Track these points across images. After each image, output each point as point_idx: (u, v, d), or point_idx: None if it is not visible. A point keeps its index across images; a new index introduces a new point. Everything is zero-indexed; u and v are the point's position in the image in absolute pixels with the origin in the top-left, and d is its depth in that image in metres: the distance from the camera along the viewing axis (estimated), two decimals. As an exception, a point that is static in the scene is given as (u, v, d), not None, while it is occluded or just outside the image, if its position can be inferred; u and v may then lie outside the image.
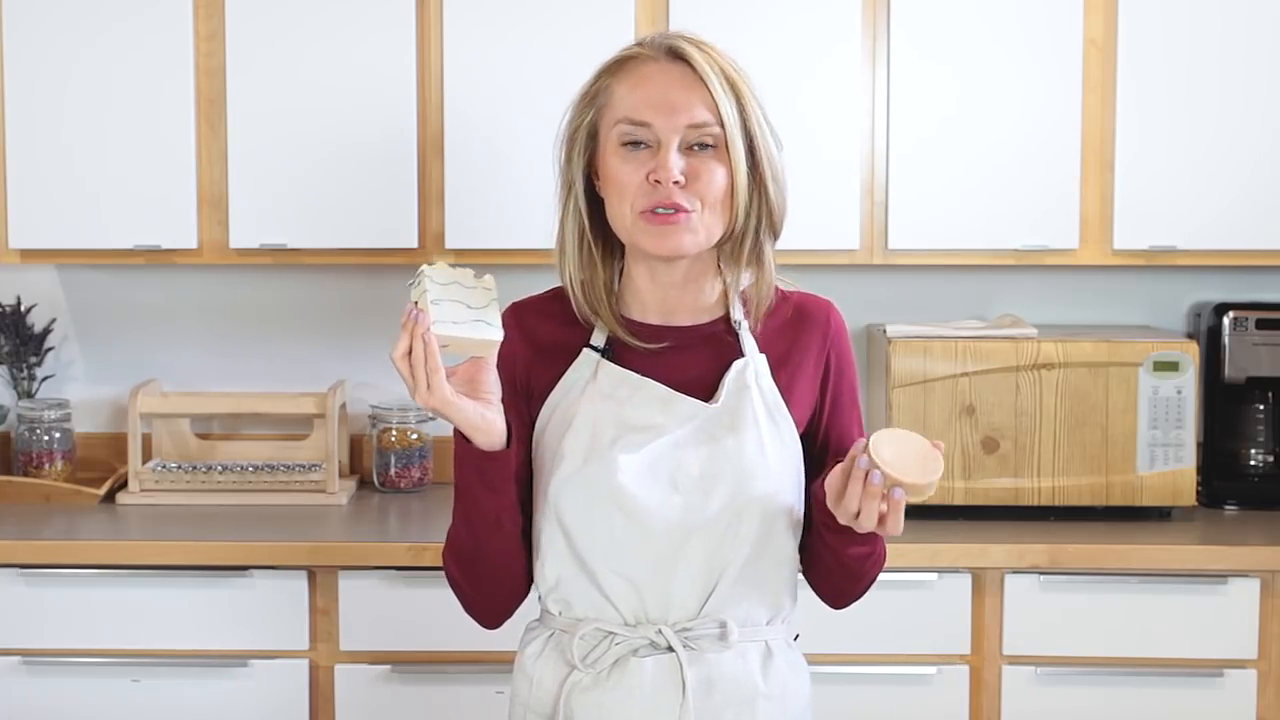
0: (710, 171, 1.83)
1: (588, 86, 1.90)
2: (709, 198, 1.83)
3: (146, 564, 2.96)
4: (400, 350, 1.75)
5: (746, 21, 3.12)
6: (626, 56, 1.88)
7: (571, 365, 1.92)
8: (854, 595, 2.00)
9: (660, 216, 1.82)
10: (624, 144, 1.84)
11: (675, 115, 1.82)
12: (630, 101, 1.84)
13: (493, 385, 1.80)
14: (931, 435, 1.83)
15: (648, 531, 1.85)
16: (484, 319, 1.77)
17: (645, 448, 1.86)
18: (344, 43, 3.16)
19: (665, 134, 1.82)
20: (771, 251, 1.91)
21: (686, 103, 1.82)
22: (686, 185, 1.82)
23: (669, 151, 1.81)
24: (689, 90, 1.83)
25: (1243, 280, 3.48)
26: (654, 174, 1.82)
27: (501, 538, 1.87)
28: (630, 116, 1.83)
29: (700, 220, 1.83)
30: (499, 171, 3.16)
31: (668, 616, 1.88)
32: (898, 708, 2.96)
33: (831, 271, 3.41)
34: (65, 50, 3.17)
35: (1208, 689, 2.95)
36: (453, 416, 1.77)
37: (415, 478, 3.42)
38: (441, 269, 1.79)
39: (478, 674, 2.91)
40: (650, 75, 1.85)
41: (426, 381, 1.74)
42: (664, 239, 1.83)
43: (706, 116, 1.82)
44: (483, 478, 1.83)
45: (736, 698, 1.89)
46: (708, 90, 1.82)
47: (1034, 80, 3.15)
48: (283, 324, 3.55)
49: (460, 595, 1.95)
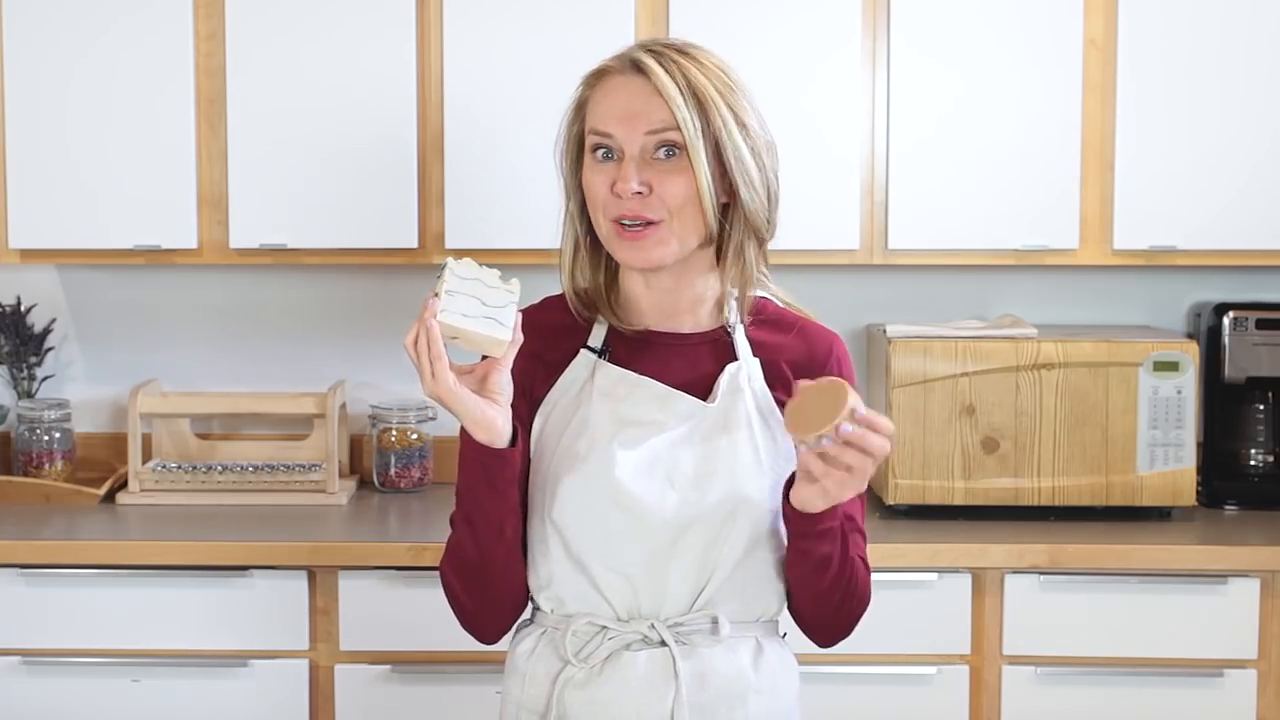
0: (673, 179, 1.84)
1: (574, 96, 1.93)
2: (674, 204, 1.84)
3: (146, 564, 2.97)
4: (410, 337, 1.77)
5: (746, 22, 3.12)
6: (601, 69, 1.91)
7: (569, 366, 1.94)
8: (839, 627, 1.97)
9: (629, 231, 1.84)
10: (593, 151, 1.87)
11: (634, 125, 1.84)
12: (598, 113, 1.87)
13: (503, 386, 1.81)
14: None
15: (643, 527, 1.85)
16: (496, 318, 1.78)
17: (643, 444, 1.87)
18: (344, 42, 3.16)
19: (626, 144, 1.84)
20: (754, 253, 1.90)
21: (645, 110, 1.84)
22: (650, 194, 1.84)
23: (628, 162, 1.84)
24: (649, 99, 1.84)
25: (1243, 280, 3.48)
26: (615, 186, 1.84)
27: (504, 546, 1.88)
28: (596, 127, 1.87)
29: (670, 229, 1.85)
30: (499, 171, 3.16)
31: (660, 611, 1.89)
32: (897, 708, 2.96)
33: (831, 271, 3.41)
34: (65, 50, 3.17)
35: (1208, 689, 2.95)
36: (454, 407, 1.78)
37: (415, 478, 3.43)
38: (467, 264, 1.80)
39: (478, 674, 2.91)
40: (615, 87, 1.87)
41: (431, 369, 1.75)
42: (636, 252, 1.85)
43: (664, 123, 1.83)
44: (487, 475, 1.83)
45: (729, 692, 1.89)
46: (663, 99, 1.83)
47: (1034, 80, 3.15)
48: (283, 324, 3.55)
49: (459, 609, 1.95)
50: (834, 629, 1.97)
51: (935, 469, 3.10)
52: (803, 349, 1.96)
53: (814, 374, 1.91)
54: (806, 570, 1.89)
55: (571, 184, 1.93)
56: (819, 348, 1.97)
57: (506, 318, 1.79)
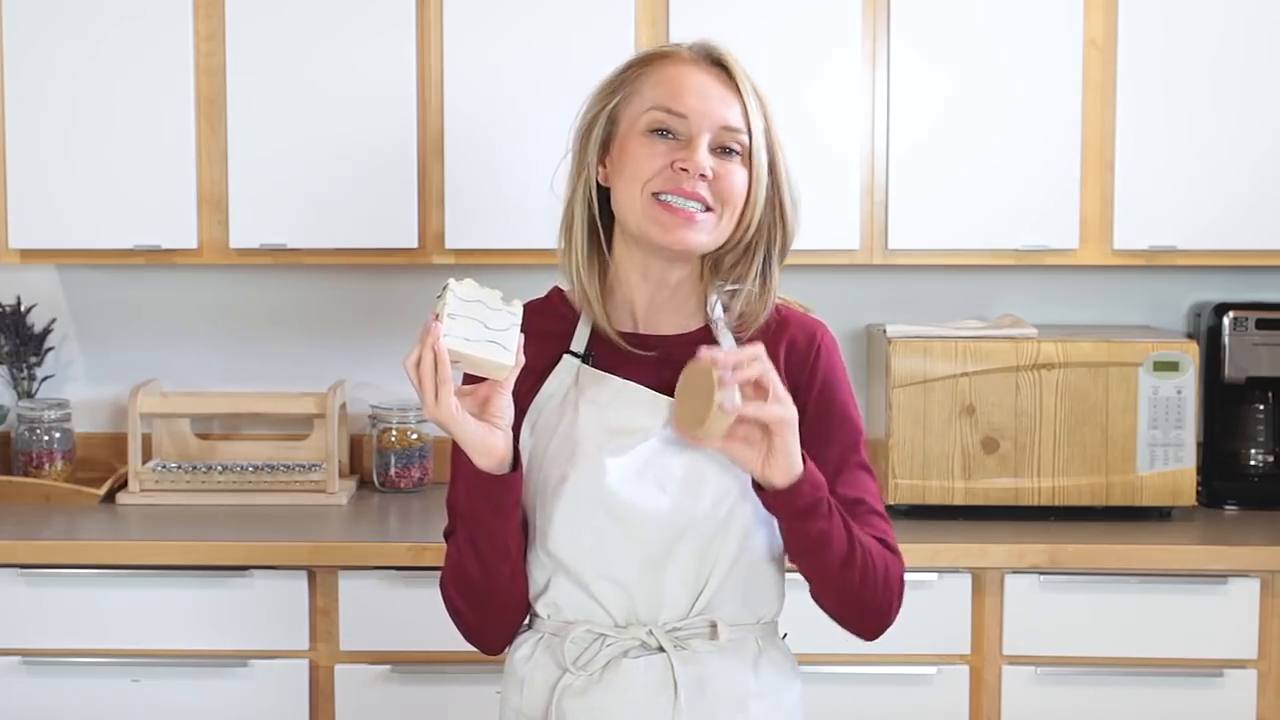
0: (735, 174, 1.85)
1: (614, 75, 1.91)
2: (731, 200, 1.85)
3: (146, 564, 2.97)
4: (411, 359, 1.75)
5: (746, 22, 3.12)
6: (663, 53, 1.90)
7: (553, 372, 1.92)
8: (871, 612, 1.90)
9: (677, 209, 1.83)
10: (652, 130, 1.85)
11: (712, 114, 1.84)
12: (666, 91, 1.85)
13: (503, 409, 1.80)
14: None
15: (636, 534, 1.84)
16: (499, 341, 1.76)
17: (632, 450, 1.86)
18: (344, 43, 3.16)
19: (699, 128, 1.84)
20: (778, 273, 1.91)
21: (723, 105, 1.85)
22: (711, 183, 1.84)
23: (700, 144, 1.83)
24: (725, 94, 1.85)
25: (1243, 280, 3.48)
26: (681, 162, 1.83)
27: (509, 564, 1.87)
28: (668, 105, 1.85)
29: (717, 220, 1.85)
30: (499, 172, 3.16)
31: (658, 617, 1.88)
32: (897, 708, 2.96)
33: (831, 271, 3.41)
34: (65, 50, 3.17)
35: (1208, 689, 2.95)
36: (455, 432, 1.77)
37: (415, 478, 3.43)
38: (469, 285, 1.78)
39: (477, 674, 2.91)
40: (689, 73, 1.86)
41: (434, 393, 1.74)
42: (673, 231, 1.83)
43: (739, 123, 1.85)
44: (489, 500, 1.82)
45: (729, 697, 1.88)
46: (742, 99, 1.85)
47: (1034, 81, 3.15)
48: (283, 324, 3.55)
49: (462, 624, 1.94)
50: (866, 615, 1.90)
51: (935, 469, 3.10)
52: (785, 337, 1.93)
53: (798, 362, 1.91)
54: (807, 551, 1.83)
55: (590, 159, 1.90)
56: (801, 335, 1.94)
57: (509, 341, 1.77)
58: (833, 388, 1.93)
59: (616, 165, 1.88)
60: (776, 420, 1.73)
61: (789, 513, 1.81)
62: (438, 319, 1.74)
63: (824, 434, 1.90)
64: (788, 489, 1.77)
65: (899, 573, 1.91)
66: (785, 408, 1.74)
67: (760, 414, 1.72)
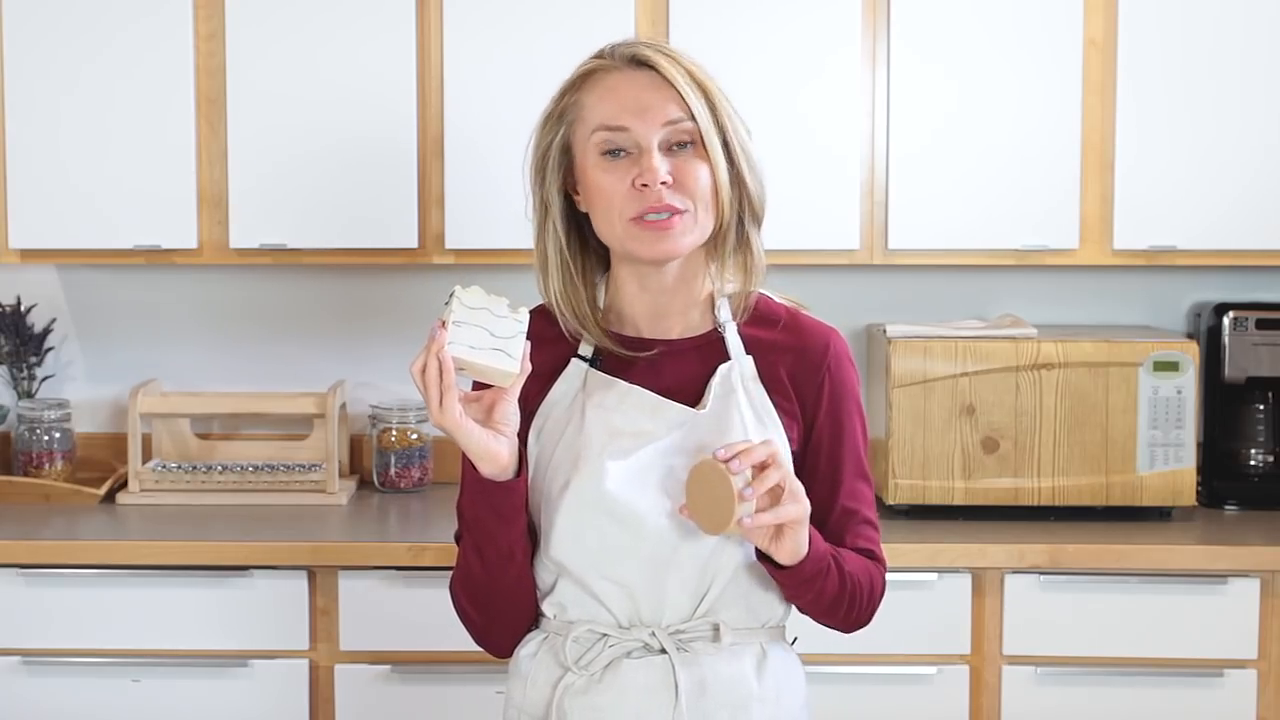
0: (694, 169, 1.84)
1: (552, 106, 1.92)
2: (699, 195, 1.84)
3: (146, 564, 2.97)
4: (417, 365, 1.75)
5: (747, 23, 3.12)
6: (589, 70, 1.89)
7: (561, 377, 1.93)
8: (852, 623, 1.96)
9: (653, 223, 1.83)
10: (604, 154, 1.85)
11: (650, 117, 1.83)
12: (603, 110, 1.85)
13: (508, 417, 1.80)
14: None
15: (639, 537, 1.84)
16: (504, 349, 1.77)
17: (634, 454, 1.86)
18: (344, 43, 3.16)
19: (644, 136, 1.83)
20: (758, 238, 1.92)
21: (659, 103, 1.84)
22: (674, 185, 1.83)
23: (651, 154, 1.83)
24: (658, 92, 1.84)
25: (1243, 280, 3.48)
26: (640, 178, 1.82)
27: (515, 569, 1.88)
28: (606, 123, 1.85)
29: (694, 218, 1.85)
30: (499, 172, 3.13)
31: (661, 619, 1.88)
32: (897, 708, 2.96)
33: (831, 271, 3.41)
34: (65, 50, 3.17)
35: (1208, 689, 2.95)
36: (459, 439, 1.78)
37: (415, 478, 3.43)
38: (475, 293, 1.78)
39: (478, 674, 2.91)
40: (618, 84, 1.86)
41: (439, 400, 1.74)
42: (658, 243, 1.84)
43: (679, 113, 1.84)
44: (494, 506, 1.83)
45: (730, 700, 1.88)
46: (676, 90, 1.84)
47: (1034, 81, 3.15)
48: (283, 324, 3.55)
49: (471, 626, 1.95)
50: (846, 625, 1.96)
51: (935, 469, 3.10)
52: (796, 344, 1.93)
53: (809, 371, 1.92)
54: (799, 598, 1.90)
55: (551, 195, 1.91)
56: (813, 343, 1.94)
57: (515, 349, 1.77)
58: (841, 401, 1.94)
59: (588, 198, 1.88)
60: (792, 521, 1.77)
61: (790, 583, 1.85)
62: (444, 326, 1.74)
63: (829, 448, 1.93)
64: (792, 565, 1.81)
65: (881, 582, 1.96)
66: (800, 506, 1.77)
67: (777, 519, 1.76)
